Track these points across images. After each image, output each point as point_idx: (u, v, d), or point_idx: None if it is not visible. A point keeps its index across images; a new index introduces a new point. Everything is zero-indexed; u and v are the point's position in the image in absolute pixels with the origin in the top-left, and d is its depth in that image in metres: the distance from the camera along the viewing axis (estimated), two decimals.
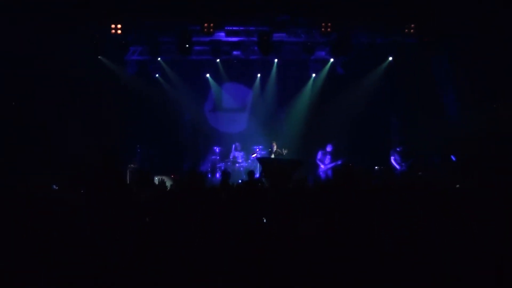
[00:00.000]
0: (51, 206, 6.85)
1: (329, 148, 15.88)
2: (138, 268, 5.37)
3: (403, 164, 15.51)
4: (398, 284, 5.25)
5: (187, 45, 15.44)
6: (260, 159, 14.07)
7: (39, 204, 6.93)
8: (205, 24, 14.55)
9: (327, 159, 15.82)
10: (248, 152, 17.10)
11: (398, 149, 15.74)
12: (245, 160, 17.02)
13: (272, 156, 16.07)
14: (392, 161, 15.73)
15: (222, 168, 16.70)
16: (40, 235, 5.74)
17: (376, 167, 15.43)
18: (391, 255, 5.66)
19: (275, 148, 16.25)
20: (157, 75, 17.54)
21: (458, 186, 10.21)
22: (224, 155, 17.23)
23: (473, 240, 5.80)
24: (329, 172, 15.57)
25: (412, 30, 14.83)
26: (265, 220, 7.45)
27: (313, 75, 17.85)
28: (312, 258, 5.52)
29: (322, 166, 15.82)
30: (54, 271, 5.21)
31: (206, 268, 5.42)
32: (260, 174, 10.61)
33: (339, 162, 15.42)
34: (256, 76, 18.14)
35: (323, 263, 5.47)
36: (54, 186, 10.56)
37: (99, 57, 16.16)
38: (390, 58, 16.77)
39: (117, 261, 5.46)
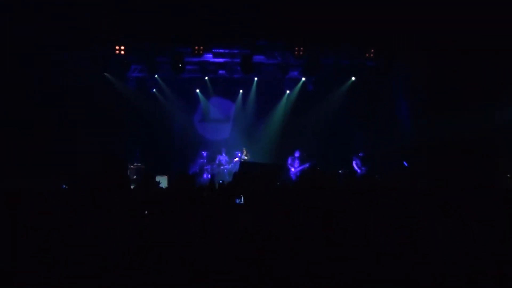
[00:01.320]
0: (56, 205, 6.60)
1: (297, 154, 15.93)
2: (139, 265, 5.04)
3: (363, 168, 15.65)
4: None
5: (180, 65, 15.46)
6: (242, 163, 14.03)
7: (45, 202, 6.73)
8: (196, 47, 14.56)
9: (296, 163, 15.86)
10: (231, 156, 17.19)
11: (359, 155, 15.84)
12: (228, 163, 17.07)
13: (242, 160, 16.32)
14: (354, 165, 15.86)
15: (209, 170, 16.83)
16: (46, 232, 5.44)
17: (340, 171, 15.43)
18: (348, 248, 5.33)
19: (245, 152, 16.60)
20: (154, 90, 17.65)
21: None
22: (211, 159, 17.25)
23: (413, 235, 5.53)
24: (298, 174, 15.56)
25: (372, 55, 14.86)
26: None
27: (287, 91, 18.05)
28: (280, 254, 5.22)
29: (292, 169, 15.86)
30: (56, 268, 4.86)
31: (198, 261, 5.10)
32: (234, 176, 10.48)
33: (306, 165, 15.43)
34: (239, 92, 18.25)
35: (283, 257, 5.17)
36: (64, 186, 10.29)
37: (105, 73, 16.27)
38: (353, 78, 16.90)
39: (118, 256, 5.13)
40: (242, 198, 7.94)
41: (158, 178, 13.13)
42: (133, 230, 5.69)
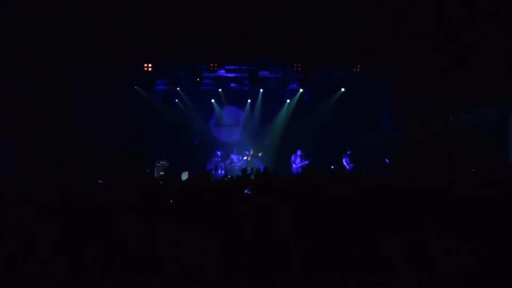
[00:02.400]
0: (95, 197, 6.76)
1: (299, 152, 16.29)
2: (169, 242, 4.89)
3: (351, 164, 16.02)
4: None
5: (198, 79, 15.78)
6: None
7: (86, 195, 6.91)
8: (211, 64, 14.90)
9: (298, 160, 16.21)
10: (241, 155, 17.38)
11: (348, 153, 16.20)
12: (239, 161, 17.27)
13: (249, 158, 16.69)
14: (344, 162, 16.21)
15: (223, 167, 17.04)
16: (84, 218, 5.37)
17: (332, 166, 15.82)
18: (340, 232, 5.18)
19: (251, 152, 16.88)
20: (176, 100, 17.77)
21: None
22: (224, 158, 17.44)
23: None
24: (299, 170, 15.85)
25: (358, 69, 15.23)
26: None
27: (288, 100, 18.12)
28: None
29: (294, 165, 16.23)
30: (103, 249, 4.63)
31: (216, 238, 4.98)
32: (243, 172, 10.67)
33: (306, 162, 15.72)
34: (247, 101, 18.35)
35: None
36: (100, 181, 10.65)
37: (135, 87, 16.50)
38: (343, 89, 17.10)
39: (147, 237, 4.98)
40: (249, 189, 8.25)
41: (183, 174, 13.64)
42: (161, 215, 5.84)
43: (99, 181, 10.53)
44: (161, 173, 15.08)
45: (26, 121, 13.84)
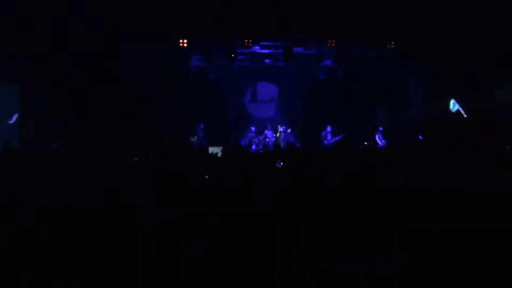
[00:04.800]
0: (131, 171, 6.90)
1: (329, 128, 16.37)
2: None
3: (383, 140, 15.95)
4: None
5: (233, 55, 15.85)
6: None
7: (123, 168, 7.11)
8: (246, 40, 14.98)
9: (329, 136, 16.31)
10: (275, 131, 17.38)
11: (380, 129, 16.21)
12: (273, 136, 17.28)
13: (278, 135, 16.74)
14: (377, 138, 16.20)
15: (256, 142, 17.16)
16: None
17: (366, 142, 15.85)
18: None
19: (280, 128, 16.93)
20: (211, 76, 17.74)
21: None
22: (258, 133, 17.53)
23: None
24: (331, 146, 15.93)
25: (392, 46, 15.14)
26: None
27: (321, 77, 17.95)
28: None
29: (325, 141, 16.31)
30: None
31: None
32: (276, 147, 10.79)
33: (338, 138, 15.74)
34: (281, 77, 18.27)
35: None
36: (135, 158, 10.80)
37: (171, 63, 16.37)
38: (376, 65, 16.88)
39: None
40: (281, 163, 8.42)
41: (212, 149, 13.71)
42: (196, 189, 5.74)
43: (135, 159, 10.75)
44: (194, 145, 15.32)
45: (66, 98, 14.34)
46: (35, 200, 5.02)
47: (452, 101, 14.91)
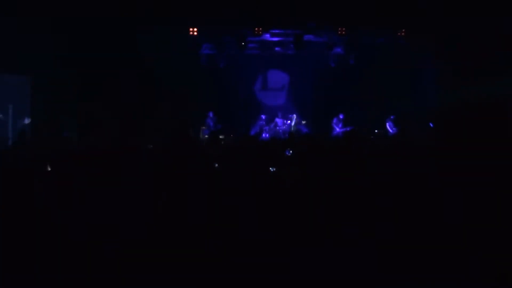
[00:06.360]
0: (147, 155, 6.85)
1: (341, 116, 16.32)
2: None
3: (394, 129, 15.91)
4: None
5: (243, 43, 15.82)
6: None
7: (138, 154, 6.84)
8: (256, 28, 14.92)
9: (340, 124, 16.22)
10: (285, 119, 17.45)
11: (391, 118, 16.15)
12: (284, 125, 17.30)
13: (293, 123, 16.84)
14: (387, 126, 16.19)
15: (267, 130, 17.07)
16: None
17: (376, 131, 15.83)
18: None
19: (295, 118, 17.01)
20: (221, 65, 17.64)
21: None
22: (269, 121, 17.51)
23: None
24: (341, 135, 15.86)
25: (403, 33, 15.05)
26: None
27: (332, 65, 17.84)
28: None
29: (337, 129, 16.25)
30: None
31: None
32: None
33: (348, 129, 15.72)
34: (292, 65, 18.24)
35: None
36: (150, 146, 10.89)
37: (181, 51, 16.31)
38: (386, 53, 16.62)
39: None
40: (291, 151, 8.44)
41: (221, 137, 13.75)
42: (205, 178, 5.69)
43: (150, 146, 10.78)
44: (205, 136, 15.39)
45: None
46: (52, 189, 5.07)
47: None
